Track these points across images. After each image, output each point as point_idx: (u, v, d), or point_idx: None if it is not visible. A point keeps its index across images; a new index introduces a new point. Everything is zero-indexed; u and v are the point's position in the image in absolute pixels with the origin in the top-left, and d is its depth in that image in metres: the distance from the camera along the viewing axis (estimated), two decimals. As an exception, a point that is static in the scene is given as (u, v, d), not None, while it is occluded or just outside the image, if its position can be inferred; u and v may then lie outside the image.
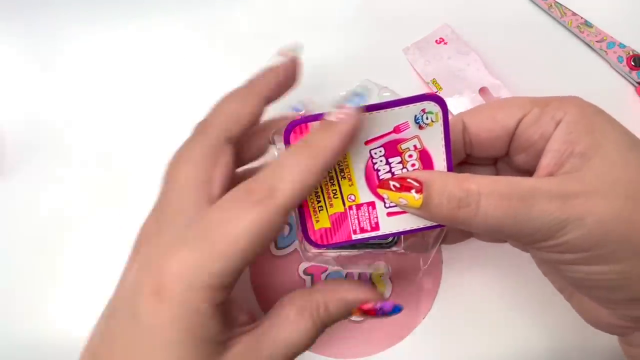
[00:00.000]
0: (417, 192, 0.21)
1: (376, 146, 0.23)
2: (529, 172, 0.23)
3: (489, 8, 0.40)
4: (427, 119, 0.22)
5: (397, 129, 0.22)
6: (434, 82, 0.37)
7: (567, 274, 0.21)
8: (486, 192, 0.20)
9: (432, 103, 0.22)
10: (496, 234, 0.21)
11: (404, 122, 0.22)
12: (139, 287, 0.20)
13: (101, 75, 0.39)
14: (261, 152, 0.27)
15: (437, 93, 0.36)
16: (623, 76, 0.37)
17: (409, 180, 0.22)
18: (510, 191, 0.19)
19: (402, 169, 0.23)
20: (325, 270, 0.32)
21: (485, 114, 0.23)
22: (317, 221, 0.24)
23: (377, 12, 0.40)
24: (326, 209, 0.24)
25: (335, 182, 0.23)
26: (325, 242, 0.24)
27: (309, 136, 0.21)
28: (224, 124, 0.23)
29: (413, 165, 0.23)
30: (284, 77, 0.25)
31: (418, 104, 0.22)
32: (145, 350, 0.19)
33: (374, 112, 0.22)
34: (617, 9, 0.40)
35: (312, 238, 0.24)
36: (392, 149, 0.23)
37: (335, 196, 0.23)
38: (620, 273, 0.19)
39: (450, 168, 0.23)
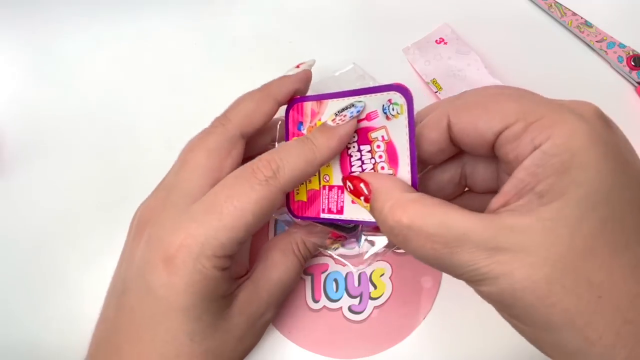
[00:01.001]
0: (365, 200, 0.22)
1: None
2: None
3: (488, 8, 0.40)
4: (393, 109, 0.22)
5: (368, 117, 0.23)
6: (434, 82, 0.37)
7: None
8: (415, 227, 0.19)
9: (398, 94, 0.22)
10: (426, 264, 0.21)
11: (373, 110, 0.22)
12: (150, 262, 0.22)
13: (101, 75, 0.39)
14: (265, 149, 0.28)
15: (438, 93, 0.36)
16: (623, 76, 0.37)
17: (361, 185, 0.22)
18: (438, 233, 0.18)
19: (370, 159, 0.23)
20: (325, 270, 0.32)
21: (469, 116, 0.20)
22: (298, 193, 0.26)
23: (377, 12, 0.40)
24: (305, 183, 0.26)
25: None
26: (299, 214, 0.26)
27: (312, 134, 0.23)
28: (241, 120, 0.26)
29: (380, 157, 0.23)
30: (297, 86, 0.27)
31: (385, 93, 0.22)
32: (163, 317, 0.21)
33: (347, 98, 0.23)
34: (617, 9, 0.40)
35: (291, 207, 0.26)
36: (363, 136, 0.23)
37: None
38: (526, 332, 0.19)
39: (413, 165, 0.22)
